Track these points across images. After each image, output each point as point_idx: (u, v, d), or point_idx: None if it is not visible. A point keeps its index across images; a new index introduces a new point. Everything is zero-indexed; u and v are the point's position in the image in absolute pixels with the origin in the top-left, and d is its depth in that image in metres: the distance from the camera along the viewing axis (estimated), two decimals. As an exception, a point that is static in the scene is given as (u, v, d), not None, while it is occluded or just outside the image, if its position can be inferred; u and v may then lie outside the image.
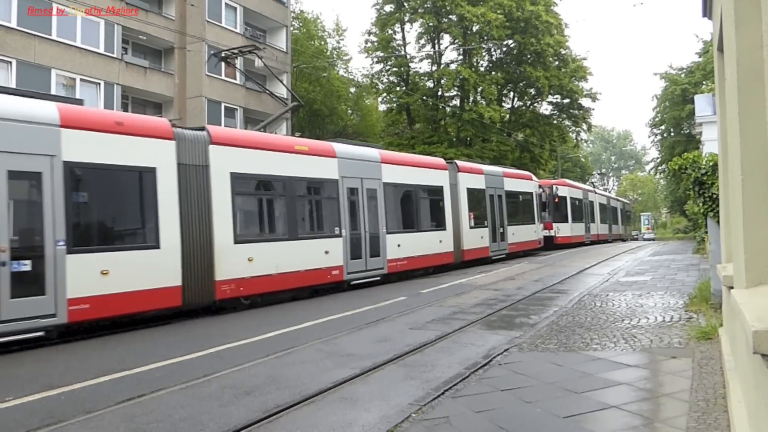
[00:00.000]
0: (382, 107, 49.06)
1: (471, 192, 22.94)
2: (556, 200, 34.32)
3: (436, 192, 20.68)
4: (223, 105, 31.96)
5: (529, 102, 49.32)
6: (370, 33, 45.33)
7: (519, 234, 27.08)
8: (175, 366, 7.81)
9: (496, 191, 25.15)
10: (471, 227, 22.62)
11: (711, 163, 10.26)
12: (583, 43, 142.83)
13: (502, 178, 25.99)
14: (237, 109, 32.95)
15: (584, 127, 51.84)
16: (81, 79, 24.79)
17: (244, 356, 8.14)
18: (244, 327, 10.88)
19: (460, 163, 23.33)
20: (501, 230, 25.32)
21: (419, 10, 42.21)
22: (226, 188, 12.73)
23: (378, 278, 17.15)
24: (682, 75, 50.42)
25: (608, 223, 48.62)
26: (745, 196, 3.50)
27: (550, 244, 33.33)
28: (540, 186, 31.44)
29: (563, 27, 46.62)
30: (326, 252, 15.24)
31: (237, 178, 13.04)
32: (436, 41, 44.95)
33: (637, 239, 61.25)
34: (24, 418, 5.79)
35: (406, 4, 43.04)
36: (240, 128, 32.18)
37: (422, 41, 45.22)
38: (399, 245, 18.02)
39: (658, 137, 57.20)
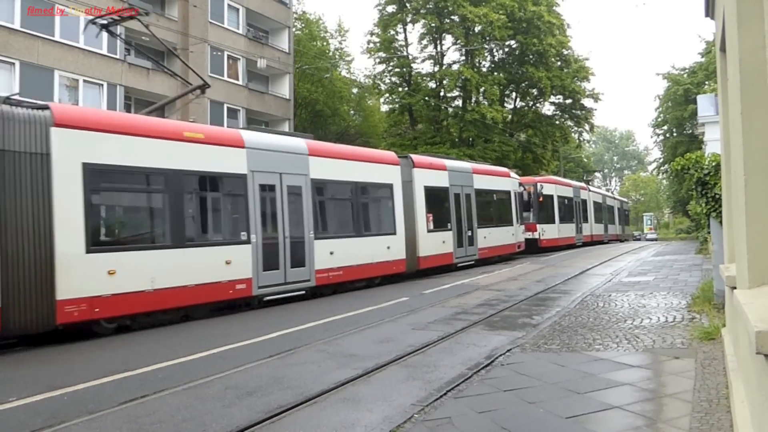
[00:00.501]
0: (385, 108, 49.13)
1: (430, 191, 20.07)
2: (541, 199, 31.30)
3: (383, 190, 18.09)
4: (225, 106, 32.02)
5: (532, 102, 49.36)
6: (372, 33, 45.46)
7: (492, 237, 23.91)
8: (178, 367, 7.82)
9: (463, 189, 22.16)
10: (429, 231, 19.76)
11: (714, 164, 10.25)
12: (586, 43, 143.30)
13: (470, 174, 22.89)
14: (239, 110, 33.00)
15: (586, 127, 51.93)
16: (84, 80, 24.83)
17: (246, 357, 8.14)
18: (246, 328, 10.88)
19: (415, 157, 20.26)
20: (469, 233, 22.30)
21: (421, 11, 42.26)
22: (76, 183, 10.14)
23: (302, 292, 14.56)
24: (685, 75, 50.39)
25: (604, 222, 46.30)
26: (747, 196, 3.49)
27: (534, 248, 30.39)
28: (521, 184, 28.32)
29: (565, 27, 46.70)
30: (227, 262, 12.58)
31: (93, 171, 10.42)
32: (438, 42, 44.99)
33: (639, 239, 61.25)
34: (27, 418, 5.80)
35: (408, 4, 43.09)
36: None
37: (424, 42, 45.31)
38: (332, 253, 15.45)
39: (661, 137, 57.18)
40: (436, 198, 20.56)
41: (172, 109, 29.73)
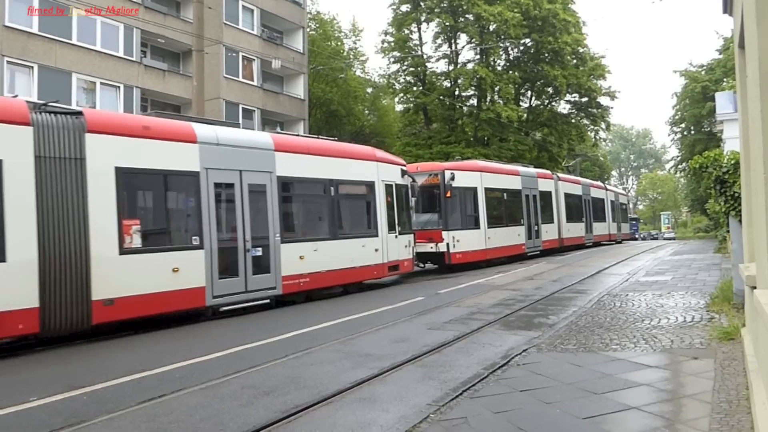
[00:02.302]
0: (399, 107, 49.05)
1: None
2: (449, 194, 21.05)
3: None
4: (240, 106, 32.18)
5: (547, 101, 49.04)
6: (386, 33, 45.32)
7: (318, 259, 14.61)
8: (195, 366, 7.88)
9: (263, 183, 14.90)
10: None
11: (732, 161, 10.14)
12: (602, 40, 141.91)
13: (274, 156, 13.91)
14: (254, 111, 33.16)
15: (603, 125, 51.40)
16: (101, 83, 25.09)
17: (262, 356, 8.19)
18: (263, 328, 10.94)
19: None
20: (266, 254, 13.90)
21: (436, 10, 42.12)
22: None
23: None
24: (703, 72, 49.82)
25: (585, 221, 34.72)
26: None
27: (440, 263, 21.52)
28: (406, 172, 18.63)
29: (581, 25, 46.30)
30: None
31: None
32: (452, 41, 44.84)
33: (656, 238, 60.71)
34: (48, 418, 5.88)
35: (422, 3, 42.97)
36: (258, 130, 32.39)
37: (439, 41, 45.11)
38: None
39: (678, 135, 56.56)
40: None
41: (188, 110, 30.06)
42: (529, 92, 48.60)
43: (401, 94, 46.34)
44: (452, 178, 21.11)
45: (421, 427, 5.18)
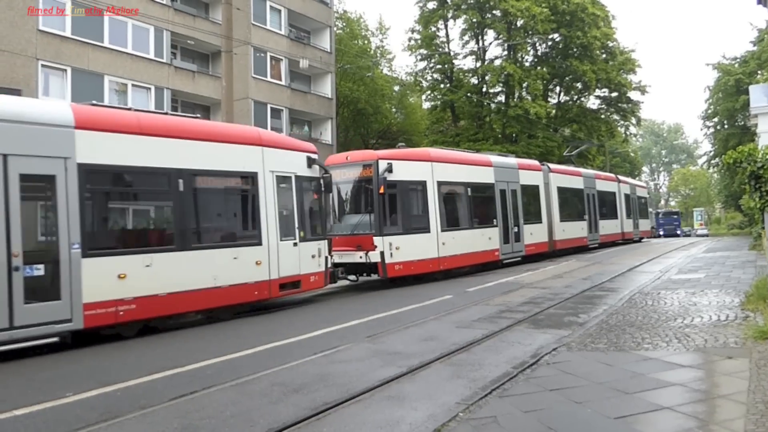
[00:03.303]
0: (426, 105, 49.00)
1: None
2: (383, 190, 16.46)
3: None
4: (269, 106, 32.44)
5: (576, 96, 48.50)
6: (413, 31, 45.33)
7: (154, 278, 10.82)
8: (226, 363, 7.98)
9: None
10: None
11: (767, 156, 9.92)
12: (632, 34, 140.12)
13: (73, 136, 10.11)
14: (283, 110, 33.39)
15: (633, 121, 50.64)
16: (132, 85, 25.50)
17: (292, 354, 8.26)
18: (292, 326, 11.02)
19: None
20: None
21: (462, 7, 41.94)
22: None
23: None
24: (736, 65, 48.75)
25: (587, 218, 29.73)
26: (804, 192, 3.38)
27: (367, 273, 17.13)
28: (315, 161, 14.65)
29: (610, 19, 45.68)
30: None
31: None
32: (480, 37, 44.61)
33: (689, 235, 59.61)
34: (83, 413, 6.01)
35: (449, 0, 42.84)
36: (286, 131, 32.59)
37: (466, 38, 44.95)
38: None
39: (711, 130, 55.48)
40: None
41: (217, 110, 30.41)
42: (558, 88, 48.14)
43: (428, 92, 46.31)
44: (389, 170, 16.48)
45: (450, 426, 5.17)
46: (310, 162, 14.48)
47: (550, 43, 44.92)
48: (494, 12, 41.93)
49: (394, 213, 17.02)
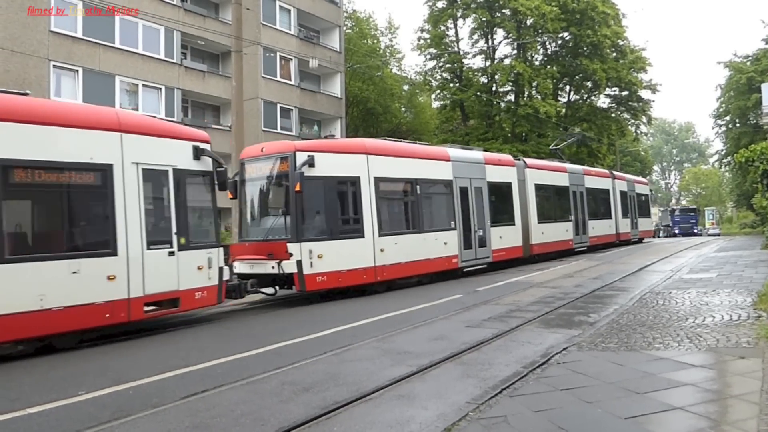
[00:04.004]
0: (436, 104, 48.99)
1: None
2: (299, 188, 13.76)
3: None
4: (279, 106, 32.54)
5: (586, 95, 48.33)
6: (422, 30, 45.33)
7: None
8: (236, 362, 8.02)
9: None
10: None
11: (780, 155, 9.84)
12: (642, 32, 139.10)
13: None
14: (292, 110, 33.48)
15: (644, 119, 50.41)
16: (143, 85, 25.64)
17: (302, 353, 8.28)
18: (301, 325, 11.04)
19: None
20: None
21: (472, 5, 41.90)
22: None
23: None
24: (748, 63, 48.44)
25: (573, 218, 26.79)
26: (817, 191, 3.35)
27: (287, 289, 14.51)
28: (204, 152, 12.09)
29: (620, 17, 45.52)
30: None
31: None
32: (489, 36, 44.54)
33: (700, 234, 59.18)
34: (96, 411, 6.06)
35: (458, -1, 42.82)
36: (296, 130, 32.65)
37: (475, 36, 44.93)
38: None
39: (723, 128, 55.19)
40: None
41: (227, 110, 30.52)
42: (568, 87, 47.98)
43: (438, 91, 46.30)
44: (310, 164, 13.96)
45: (460, 425, 5.17)
46: (198, 153, 11.80)
47: (560, 41, 44.77)
48: (504, 11, 41.87)
49: (317, 214, 14.72)
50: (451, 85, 44.19)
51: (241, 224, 15.60)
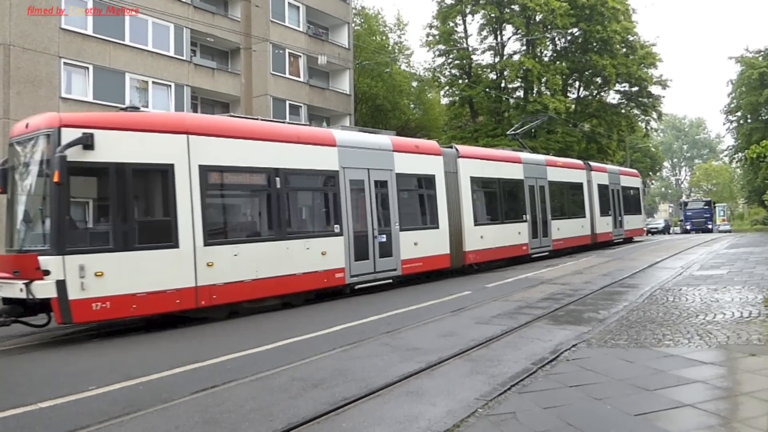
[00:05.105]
0: (445, 101, 48.87)
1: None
2: (58, 179, 9.49)
3: None
4: (287, 103, 32.57)
5: (596, 91, 48.05)
6: (431, 26, 45.25)
7: None
8: (246, 358, 8.05)
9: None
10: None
11: (792, 151, 9.77)
12: (652, 27, 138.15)
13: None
14: (301, 107, 33.50)
15: (654, 115, 50.08)
16: (153, 82, 25.72)
17: (311, 349, 8.30)
18: (311, 321, 11.06)
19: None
20: None
21: (481, 2, 41.78)
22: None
23: None
24: (760, 58, 48.08)
25: (531, 218, 22.30)
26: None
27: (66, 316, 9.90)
28: None
29: (630, 12, 45.21)
30: None
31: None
32: (498, 32, 44.39)
33: (711, 231, 58.67)
34: (106, 406, 6.10)
35: (467, -5, 42.67)
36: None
37: (484, 33, 44.78)
38: None
39: (734, 124, 54.87)
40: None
41: (236, 107, 30.56)
42: (577, 83, 47.74)
43: (447, 88, 46.20)
44: (85, 145, 9.98)
45: (469, 422, 5.17)
46: None
47: (569, 37, 44.54)
48: (513, 7, 41.71)
49: (100, 216, 11.29)
50: (460, 81, 44.07)
51: (8, 229, 11.08)
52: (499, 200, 20.89)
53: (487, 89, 41.78)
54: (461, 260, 18.40)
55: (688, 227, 54.62)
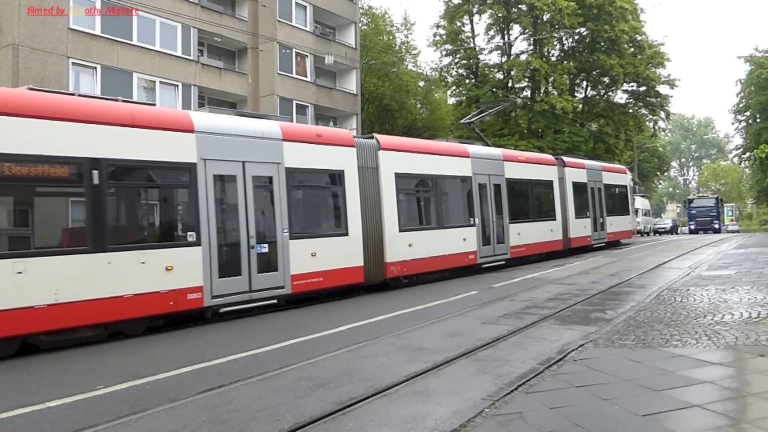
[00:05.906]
0: (452, 100, 48.81)
1: None
2: None
3: None
4: (294, 102, 32.61)
5: (603, 91, 47.87)
6: (438, 26, 45.24)
7: None
8: (253, 358, 8.06)
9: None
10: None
11: (802, 151, 9.70)
12: (660, 27, 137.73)
13: None
14: (308, 106, 33.54)
15: (662, 115, 49.84)
16: (160, 82, 25.82)
17: (318, 349, 8.30)
18: (318, 321, 11.06)
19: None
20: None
21: (488, 1, 41.73)
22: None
23: None
24: (769, 57, 47.81)
25: (479, 223, 18.64)
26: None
27: None
28: None
29: (638, 12, 45.02)
30: None
31: None
32: (505, 32, 44.32)
33: (719, 231, 58.31)
34: (114, 405, 6.12)
35: (474, -5, 42.63)
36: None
37: (491, 32, 44.75)
38: None
39: (743, 124, 54.63)
40: None
41: (243, 106, 30.61)
42: (585, 82, 47.59)
43: (453, 87, 46.18)
44: None
45: (476, 422, 5.16)
46: None
47: (576, 37, 44.37)
48: (520, 6, 41.63)
49: None
50: (467, 81, 44.04)
51: None
52: (437, 201, 17.43)
53: (494, 89, 41.72)
54: (381, 273, 15.13)
55: (693, 227, 50.71)
